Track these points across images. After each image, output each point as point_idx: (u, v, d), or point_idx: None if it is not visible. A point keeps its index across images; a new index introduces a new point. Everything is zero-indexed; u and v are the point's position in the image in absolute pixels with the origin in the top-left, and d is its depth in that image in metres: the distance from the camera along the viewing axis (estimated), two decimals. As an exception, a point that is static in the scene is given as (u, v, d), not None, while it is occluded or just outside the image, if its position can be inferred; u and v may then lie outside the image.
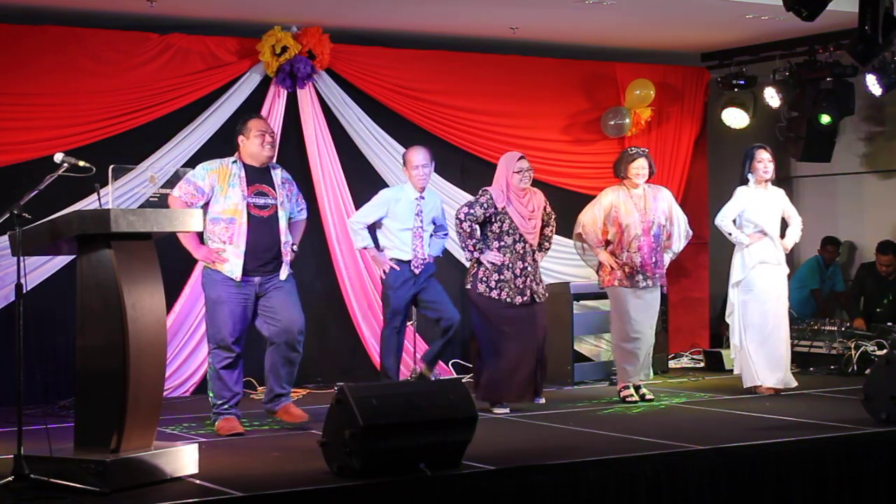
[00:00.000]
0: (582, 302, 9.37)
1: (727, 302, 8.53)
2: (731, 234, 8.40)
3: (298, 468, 5.68)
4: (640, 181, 8.03)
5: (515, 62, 10.05)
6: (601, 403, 8.05)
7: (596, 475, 5.64)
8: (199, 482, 5.33)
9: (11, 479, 5.08)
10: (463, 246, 7.64)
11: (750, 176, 8.40)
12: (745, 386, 8.34)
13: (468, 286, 7.69)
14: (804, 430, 6.66)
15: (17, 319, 5.19)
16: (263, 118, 7.28)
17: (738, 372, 8.46)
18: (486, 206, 7.59)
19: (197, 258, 7.08)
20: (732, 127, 10.75)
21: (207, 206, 6.79)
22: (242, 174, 6.82)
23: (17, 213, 5.23)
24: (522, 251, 7.61)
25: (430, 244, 8.01)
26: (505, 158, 7.76)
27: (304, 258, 7.49)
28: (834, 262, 11.04)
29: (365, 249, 8.15)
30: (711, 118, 10.97)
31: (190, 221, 5.63)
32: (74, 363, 5.33)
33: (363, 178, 9.23)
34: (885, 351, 9.07)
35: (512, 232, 7.58)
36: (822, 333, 9.73)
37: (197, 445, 5.60)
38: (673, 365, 10.04)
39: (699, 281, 10.99)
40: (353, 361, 9.30)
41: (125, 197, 7.78)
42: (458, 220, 7.62)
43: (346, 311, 9.25)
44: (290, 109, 9.03)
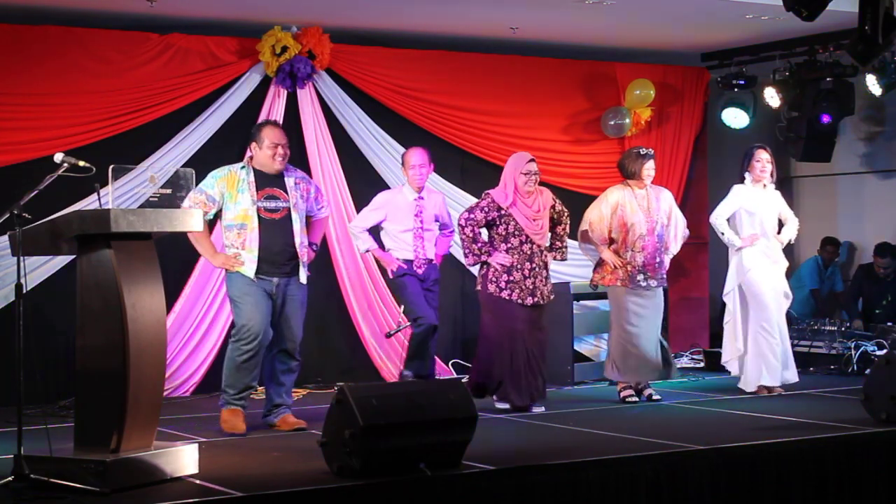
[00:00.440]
0: (582, 302, 9.36)
1: (725, 310, 8.50)
2: (723, 234, 8.37)
3: (298, 468, 5.68)
4: (649, 181, 8.03)
5: (515, 62, 10.05)
6: (601, 403, 8.05)
7: (596, 475, 5.64)
8: (199, 482, 5.33)
9: (11, 479, 5.08)
10: (467, 252, 7.58)
11: (747, 175, 8.40)
12: (748, 390, 8.30)
13: (478, 287, 7.66)
14: (804, 430, 6.66)
15: (17, 319, 5.19)
16: (278, 126, 7.05)
17: (739, 374, 8.42)
18: (486, 209, 7.56)
19: (215, 266, 7.10)
20: (732, 127, 10.75)
21: (220, 213, 6.83)
22: (251, 179, 6.82)
23: (17, 213, 5.22)
24: (530, 252, 7.57)
25: (436, 243, 8.00)
26: (514, 158, 7.68)
27: (303, 258, 7.48)
28: (833, 262, 11.04)
29: (368, 252, 8.14)
30: (711, 118, 10.97)
31: (190, 221, 5.62)
32: (74, 363, 5.33)
33: (363, 178, 9.23)
34: (885, 351, 9.07)
35: (518, 233, 7.55)
36: (822, 333, 9.73)
37: (197, 445, 5.59)
38: (672, 365, 10.04)
39: (699, 281, 10.99)
40: (353, 361, 9.30)
41: (125, 197, 7.77)
42: (459, 225, 7.59)
43: (346, 311, 9.25)
44: (290, 109, 9.03)
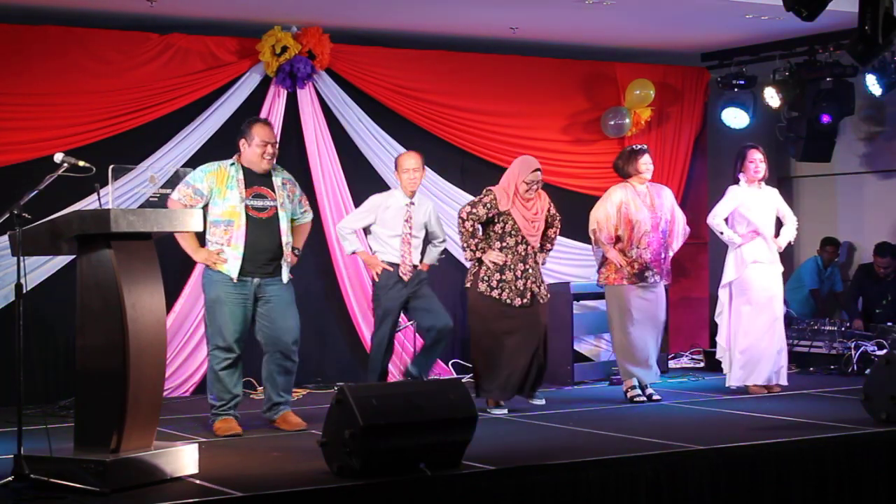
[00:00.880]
0: (582, 302, 9.36)
1: (718, 302, 8.54)
2: (722, 233, 8.39)
3: (298, 468, 5.68)
4: (649, 176, 8.03)
5: (515, 62, 10.04)
6: (602, 403, 8.05)
7: (596, 475, 5.64)
8: (199, 482, 5.33)
9: (11, 479, 5.09)
10: (464, 246, 7.60)
11: (741, 175, 8.40)
12: (727, 384, 8.35)
13: (468, 285, 7.65)
14: (804, 430, 6.66)
15: (17, 319, 5.19)
16: (268, 125, 7.04)
17: (726, 372, 8.45)
18: (489, 206, 7.56)
19: (196, 261, 7.08)
20: (732, 127, 10.75)
21: (207, 208, 6.79)
22: (240, 177, 6.82)
23: (17, 213, 5.23)
24: (524, 253, 7.58)
25: (427, 252, 7.98)
26: (520, 163, 7.66)
27: (304, 258, 7.46)
28: (833, 262, 11.03)
29: (355, 254, 8.13)
30: (711, 118, 10.96)
31: (190, 221, 5.63)
32: (74, 363, 5.33)
33: (363, 178, 9.22)
34: (885, 351, 9.07)
35: (514, 233, 7.56)
36: (821, 333, 9.73)
37: (197, 445, 5.60)
38: (673, 365, 10.02)
39: (699, 281, 10.99)
40: (353, 361, 9.29)
41: (125, 197, 7.77)
42: (460, 218, 7.59)
43: (345, 311, 9.25)
44: (290, 109, 9.03)
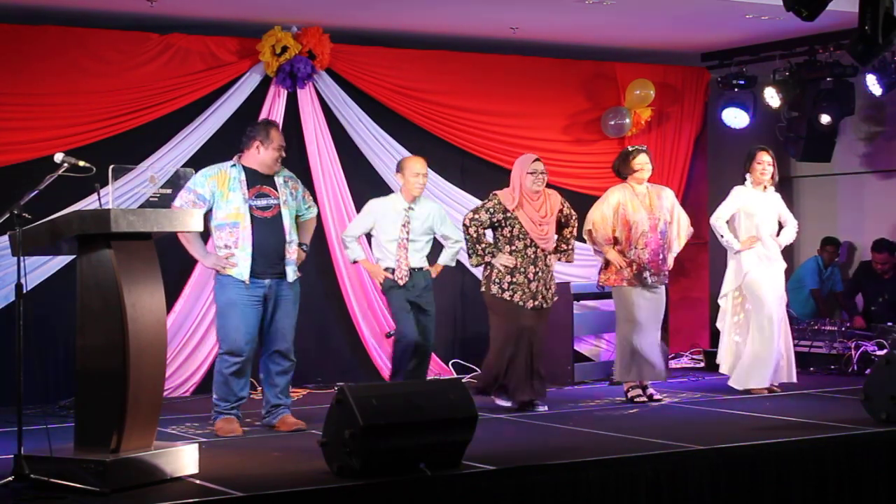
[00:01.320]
0: (582, 302, 9.36)
1: (720, 311, 8.53)
2: (723, 236, 8.38)
3: (298, 468, 5.68)
4: (645, 175, 8.02)
5: (515, 62, 10.04)
6: (602, 404, 8.05)
7: (596, 475, 5.64)
8: (199, 482, 5.33)
9: (11, 479, 5.09)
10: (471, 252, 7.59)
11: (748, 176, 8.41)
12: (731, 384, 8.34)
13: (482, 289, 7.67)
14: (804, 430, 6.66)
15: (17, 319, 5.19)
16: (280, 130, 7.07)
17: (729, 373, 8.45)
18: (492, 210, 7.56)
19: (206, 266, 7.09)
20: (732, 127, 10.75)
21: (211, 212, 6.80)
22: (242, 177, 6.82)
23: (17, 213, 5.23)
24: (534, 256, 7.57)
25: (442, 253, 7.97)
26: (520, 160, 7.70)
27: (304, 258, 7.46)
28: (833, 262, 11.03)
29: (356, 263, 8.12)
30: (711, 118, 10.96)
31: (190, 221, 5.64)
32: (74, 363, 5.33)
33: (363, 178, 9.23)
34: (885, 351, 9.07)
35: (523, 236, 7.55)
36: (822, 333, 9.73)
37: (197, 445, 5.60)
38: (673, 365, 10.02)
39: (699, 281, 10.99)
40: (353, 361, 9.29)
41: (125, 197, 7.77)
42: (463, 225, 7.61)
43: (346, 311, 9.25)
44: (290, 109, 9.03)
